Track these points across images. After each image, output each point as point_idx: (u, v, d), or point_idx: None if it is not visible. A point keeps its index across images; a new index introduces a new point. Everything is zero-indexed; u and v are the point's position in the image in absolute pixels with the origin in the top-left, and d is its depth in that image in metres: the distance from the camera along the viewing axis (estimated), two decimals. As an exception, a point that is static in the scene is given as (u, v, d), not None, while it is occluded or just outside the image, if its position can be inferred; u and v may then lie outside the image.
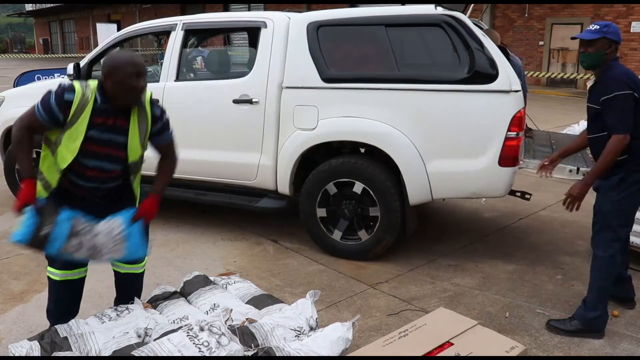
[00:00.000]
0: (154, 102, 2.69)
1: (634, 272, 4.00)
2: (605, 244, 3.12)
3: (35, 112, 2.48)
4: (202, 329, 2.40)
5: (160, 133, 2.72)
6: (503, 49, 4.57)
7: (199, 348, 2.32)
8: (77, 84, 2.50)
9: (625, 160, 3.02)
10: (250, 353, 2.39)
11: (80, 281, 2.86)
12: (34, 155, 2.65)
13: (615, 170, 3.06)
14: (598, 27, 3.07)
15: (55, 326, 2.61)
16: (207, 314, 2.81)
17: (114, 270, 2.98)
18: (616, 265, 3.17)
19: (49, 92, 2.49)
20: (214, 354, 2.32)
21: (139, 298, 2.97)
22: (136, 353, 2.33)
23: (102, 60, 2.47)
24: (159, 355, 2.29)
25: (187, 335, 2.37)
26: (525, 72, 5.73)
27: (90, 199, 2.67)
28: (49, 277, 2.81)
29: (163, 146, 2.79)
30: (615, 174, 3.06)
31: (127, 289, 2.97)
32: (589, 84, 3.18)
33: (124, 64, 2.46)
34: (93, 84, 2.53)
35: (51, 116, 2.46)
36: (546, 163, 3.50)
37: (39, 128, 2.52)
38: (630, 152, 3.00)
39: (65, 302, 2.84)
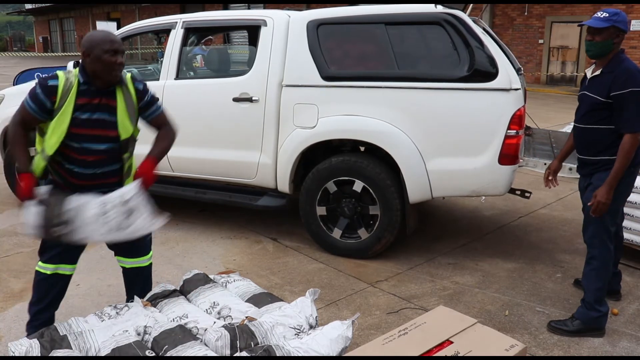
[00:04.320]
0: (135, 79, 2.75)
1: (633, 269, 4.01)
2: (602, 244, 3.10)
3: (25, 105, 2.56)
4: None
5: (148, 107, 2.76)
6: None
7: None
8: (59, 72, 2.58)
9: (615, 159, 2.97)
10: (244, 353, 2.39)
11: (69, 277, 2.87)
12: (32, 154, 2.67)
13: (608, 167, 3.00)
14: (607, 14, 2.94)
15: (55, 324, 2.61)
16: (207, 312, 2.81)
17: (121, 267, 2.98)
18: (611, 264, 3.17)
19: (35, 85, 2.57)
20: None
21: (149, 290, 2.99)
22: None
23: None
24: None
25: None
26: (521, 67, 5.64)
27: (90, 189, 2.66)
28: (38, 272, 2.79)
29: (155, 120, 2.82)
30: (608, 170, 3.00)
31: (134, 284, 2.98)
32: (590, 72, 3.07)
33: (100, 41, 2.53)
34: (75, 69, 2.61)
35: (39, 105, 2.53)
36: (550, 178, 3.49)
37: (31, 121, 2.58)
38: None
39: (51, 296, 2.83)
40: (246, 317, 2.69)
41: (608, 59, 2.97)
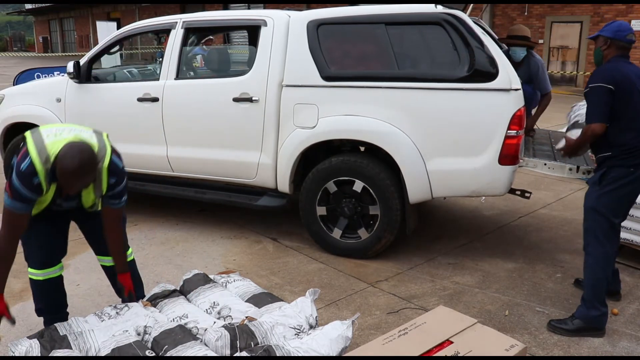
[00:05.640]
0: (112, 171, 2.64)
1: (633, 269, 4.01)
2: (596, 241, 3.15)
3: (12, 209, 2.48)
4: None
5: (111, 198, 2.72)
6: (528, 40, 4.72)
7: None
8: (36, 162, 2.42)
9: (609, 156, 3.09)
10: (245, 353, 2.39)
11: (60, 277, 2.92)
12: None
13: (599, 166, 3.16)
14: (603, 26, 3.23)
15: (55, 324, 2.61)
16: (207, 312, 2.81)
17: (102, 266, 3.03)
18: (610, 261, 3.19)
19: (12, 184, 2.45)
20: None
21: (140, 286, 3.04)
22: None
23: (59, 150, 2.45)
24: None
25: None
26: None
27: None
28: (31, 280, 2.84)
29: (110, 210, 2.78)
30: (598, 169, 3.15)
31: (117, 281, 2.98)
32: None
33: (64, 172, 2.39)
34: (52, 153, 2.44)
35: (30, 202, 2.51)
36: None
37: (23, 222, 2.55)
38: (615, 147, 3.06)
39: (53, 297, 2.90)
40: (246, 317, 2.69)
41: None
